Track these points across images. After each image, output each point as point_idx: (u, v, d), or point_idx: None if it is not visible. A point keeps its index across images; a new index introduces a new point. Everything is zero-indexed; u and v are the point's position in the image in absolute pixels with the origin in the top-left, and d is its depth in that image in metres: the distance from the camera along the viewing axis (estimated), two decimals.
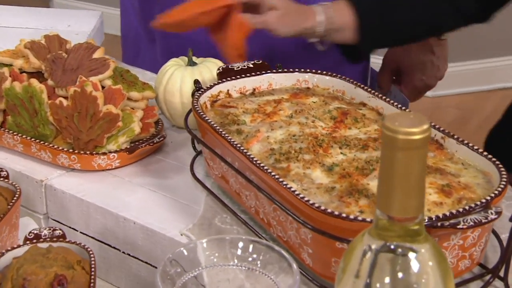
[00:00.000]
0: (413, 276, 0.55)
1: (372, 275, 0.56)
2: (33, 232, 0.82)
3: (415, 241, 0.55)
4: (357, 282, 0.56)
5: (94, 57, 1.08)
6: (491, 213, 0.70)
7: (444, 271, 0.55)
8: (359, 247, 0.57)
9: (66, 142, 1.02)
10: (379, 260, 0.55)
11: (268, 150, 0.85)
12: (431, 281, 0.55)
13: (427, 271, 0.55)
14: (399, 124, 0.52)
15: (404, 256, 0.55)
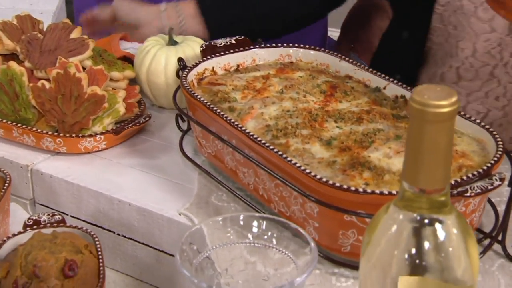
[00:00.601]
0: (440, 246, 0.56)
1: (399, 245, 0.57)
2: (32, 219, 0.81)
3: (441, 212, 0.56)
4: (384, 253, 0.58)
5: (72, 37, 1.06)
6: (496, 179, 0.73)
7: (469, 240, 0.57)
8: (384, 219, 0.58)
9: (49, 125, 1.01)
10: (407, 230, 0.57)
11: (264, 127, 0.86)
12: (457, 250, 0.56)
13: (454, 240, 0.56)
14: (428, 97, 0.53)
15: (431, 226, 0.56)
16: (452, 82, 1.05)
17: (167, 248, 0.89)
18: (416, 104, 0.53)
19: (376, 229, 0.59)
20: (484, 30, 1.02)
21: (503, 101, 1.04)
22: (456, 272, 0.56)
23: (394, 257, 0.57)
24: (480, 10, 1.01)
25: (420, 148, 0.54)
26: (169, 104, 1.10)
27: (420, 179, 0.55)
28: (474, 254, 0.57)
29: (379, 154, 0.79)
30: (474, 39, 1.03)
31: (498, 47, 1.02)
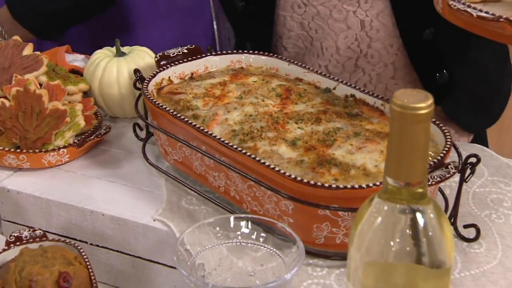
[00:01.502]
0: (421, 232, 0.63)
1: (385, 234, 0.63)
2: (14, 235, 0.83)
3: (420, 203, 0.62)
4: (371, 242, 0.64)
5: (24, 54, 1.07)
6: (451, 168, 0.80)
7: (445, 225, 0.64)
8: (369, 211, 0.65)
9: (9, 142, 1.02)
10: (391, 220, 0.63)
11: (230, 132, 0.91)
12: (437, 234, 0.63)
13: (433, 226, 0.63)
14: (408, 101, 0.59)
15: (413, 215, 0.63)
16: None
17: (142, 253, 0.93)
18: (397, 107, 0.59)
19: (362, 221, 0.65)
20: (341, 29, 1.14)
21: (371, 87, 1.18)
22: (437, 254, 0.63)
23: (381, 245, 0.63)
24: (335, 12, 1.13)
25: (401, 146, 0.61)
26: (123, 113, 1.14)
27: (402, 173, 0.61)
28: (450, 237, 0.64)
29: (342, 151, 0.86)
30: (335, 38, 1.15)
31: (356, 42, 1.15)
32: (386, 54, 1.14)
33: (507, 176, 1.00)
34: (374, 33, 1.12)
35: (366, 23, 1.13)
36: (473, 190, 0.96)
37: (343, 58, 1.16)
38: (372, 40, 1.13)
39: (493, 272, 0.82)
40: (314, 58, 1.17)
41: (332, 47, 1.16)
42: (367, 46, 1.15)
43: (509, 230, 0.89)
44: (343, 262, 0.83)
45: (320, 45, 1.15)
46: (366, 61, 1.16)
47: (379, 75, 1.16)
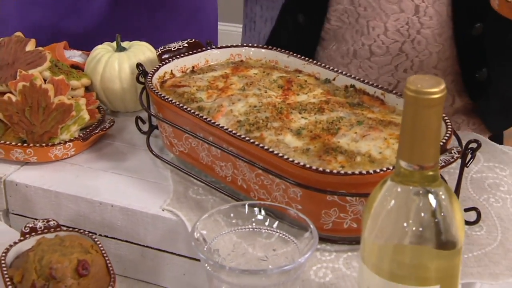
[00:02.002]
0: (434, 213, 0.66)
1: (399, 216, 0.66)
2: (29, 226, 0.85)
3: (432, 185, 0.65)
4: (385, 224, 0.66)
5: (28, 50, 1.09)
6: (454, 153, 0.83)
7: (456, 207, 0.66)
8: (382, 195, 0.67)
9: (16, 137, 1.03)
10: (405, 202, 0.66)
11: (236, 123, 0.93)
12: (449, 215, 0.66)
13: (445, 207, 0.66)
14: (421, 86, 0.62)
15: (426, 197, 0.65)
16: (365, 58, 1.17)
17: (152, 243, 0.95)
18: (411, 92, 0.62)
19: (375, 204, 0.68)
20: (394, 10, 1.13)
21: (411, 73, 1.19)
22: (450, 235, 0.66)
23: (395, 226, 0.66)
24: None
25: (415, 130, 0.63)
26: (125, 108, 1.16)
27: (415, 157, 0.64)
28: (460, 218, 0.67)
29: (347, 139, 0.89)
30: (385, 19, 1.14)
31: (406, 26, 1.14)
32: (433, 42, 1.14)
33: (502, 161, 1.03)
34: (427, 19, 1.12)
35: (420, 9, 1.12)
36: (471, 176, 1.00)
37: (390, 40, 1.15)
38: (423, 26, 1.12)
39: (494, 253, 0.86)
40: (357, 35, 1.16)
41: (380, 28, 1.14)
42: (417, 31, 1.14)
43: (507, 213, 0.93)
44: (351, 247, 0.86)
45: (366, 23, 1.14)
46: (411, 46, 1.15)
47: (422, 62, 1.17)
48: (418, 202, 0.66)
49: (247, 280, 0.72)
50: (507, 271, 0.83)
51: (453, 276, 0.68)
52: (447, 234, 0.66)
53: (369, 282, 0.69)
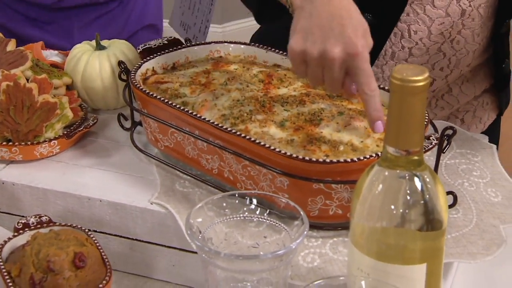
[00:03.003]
0: (420, 195, 0.69)
1: (388, 198, 0.69)
2: (21, 222, 0.86)
3: (418, 169, 0.69)
4: (374, 207, 0.70)
5: (8, 50, 1.10)
6: (433, 139, 0.87)
7: (440, 189, 0.70)
8: (369, 180, 0.71)
9: (0, 136, 1.05)
10: (392, 185, 0.69)
11: (221, 116, 0.96)
12: (434, 197, 0.70)
13: (430, 189, 0.70)
14: (406, 75, 0.66)
15: (411, 181, 0.69)
16: (403, 59, 1.18)
17: (141, 236, 0.97)
18: (397, 81, 0.66)
19: (363, 188, 0.71)
20: (439, 15, 1.14)
21: (447, 71, 1.20)
22: (435, 215, 0.70)
23: (383, 209, 0.70)
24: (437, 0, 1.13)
25: (401, 117, 0.67)
26: (106, 105, 1.17)
27: (401, 142, 0.68)
28: (444, 200, 0.71)
29: (330, 130, 0.92)
30: (429, 23, 1.14)
31: (450, 28, 1.16)
32: (471, 42, 1.15)
33: (474, 148, 1.08)
34: (469, 21, 1.13)
35: (466, 12, 1.13)
36: (445, 162, 1.04)
37: (431, 42, 1.15)
38: (464, 27, 1.13)
39: (471, 234, 0.90)
40: (397, 38, 1.15)
41: (423, 31, 1.14)
42: (457, 32, 1.15)
43: (480, 196, 0.97)
44: (336, 232, 0.90)
45: (407, 27, 1.14)
46: (450, 46, 1.17)
47: (459, 60, 1.18)
48: (405, 185, 0.69)
49: (241, 265, 0.75)
50: (484, 250, 0.87)
51: (439, 255, 0.72)
52: (433, 215, 0.70)
53: (359, 263, 0.72)
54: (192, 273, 0.95)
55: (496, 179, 1.00)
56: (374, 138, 0.90)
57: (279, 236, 0.81)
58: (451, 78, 1.21)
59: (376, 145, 0.89)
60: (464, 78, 1.24)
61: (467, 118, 1.29)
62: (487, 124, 1.32)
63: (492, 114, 1.32)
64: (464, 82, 1.25)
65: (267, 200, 0.84)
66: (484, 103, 1.30)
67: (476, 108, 1.29)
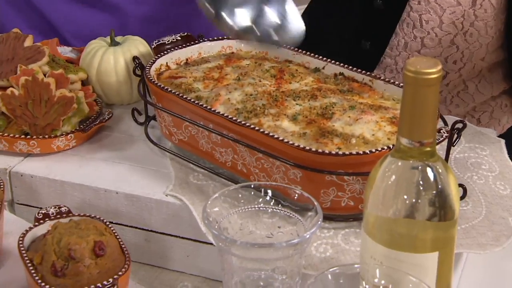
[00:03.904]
0: (433, 184, 0.71)
1: (401, 188, 0.71)
2: (42, 213, 0.89)
3: (431, 160, 0.71)
4: (387, 197, 0.72)
5: (26, 46, 1.12)
6: (443, 132, 0.89)
7: (452, 180, 0.72)
8: (382, 170, 0.73)
9: (19, 129, 1.07)
10: (406, 175, 0.71)
11: (234, 110, 0.98)
12: (446, 187, 0.72)
13: (443, 180, 0.71)
14: (420, 67, 0.67)
15: (424, 171, 0.71)
16: (415, 50, 1.20)
17: (156, 227, 0.99)
18: (411, 73, 0.68)
19: (376, 179, 0.73)
20: (450, 4, 1.16)
21: (460, 64, 1.22)
22: (447, 205, 0.71)
23: (396, 199, 0.72)
24: None
25: (414, 109, 0.69)
26: (120, 100, 1.20)
27: (415, 133, 0.70)
28: (456, 190, 0.73)
29: (341, 123, 0.94)
30: (440, 12, 1.16)
31: (461, 18, 1.17)
32: (484, 34, 1.17)
33: (482, 142, 1.09)
34: (482, 12, 1.14)
35: (477, 2, 1.14)
36: (454, 156, 1.06)
37: (443, 32, 1.17)
38: (477, 19, 1.14)
39: (480, 225, 0.92)
40: (409, 28, 1.17)
41: (434, 21, 1.16)
42: (470, 24, 1.16)
43: (489, 189, 0.99)
44: (348, 223, 0.92)
45: (418, 17, 1.16)
46: (463, 38, 1.18)
47: (472, 53, 1.19)
48: (418, 175, 0.71)
49: (256, 254, 0.77)
50: (493, 241, 0.89)
51: (450, 245, 0.74)
52: (446, 205, 0.72)
53: (372, 252, 0.74)
54: (206, 264, 0.97)
55: (504, 172, 1.02)
56: (385, 131, 0.92)
57: (293, 226, 0.83)
58: (464, 72, 1.23)
59: (388, 138, 0.91)
60: (481, 76, 1.25)
61: (483, 119, 1.30)
62: (506, 127, 1.33)
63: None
64: (481, 81, 1.26)
65: (281, 192, 0.86)
66: (503, 104, 1.30)
67: (494, 109, 1.29)
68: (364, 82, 1.04)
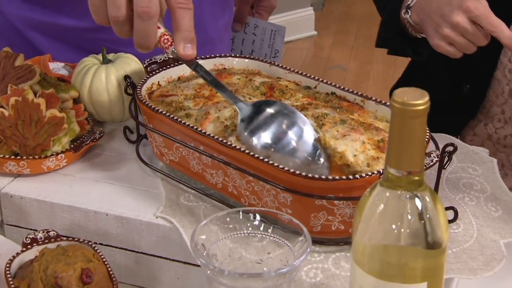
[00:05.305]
0: (421, 215, 0.71)
1: (389, 218, 0.71)
2: (29, 237, 0.88)
3: (419, 189, 0.71)
4: (376, 227, 0.71)
5: (17, 65, 1.12)
6: (433, 157, 0.89)
7: (440, 209, 0.72)
8: (372, 199, 0.72)
9: (8, 150, 1.06)
10: (394, 205, 0.71)
11: (223, 128, 0.97)
12: (434, 217, 0.71)
13: (430, 210, 0.71)
14: (407, 99, 0.67)
15: (413, 200, 0.71)
16: None
17: (146, 249, 0.99)
18: (398, 104, 0.67)
19: (365, 208, 0.73)
20: None
21: None
22: (435, 235, 0.71)
23: (385, 229, 0.71)
24: None
25: (402, 140, 0.68)
26: (112, 118, 1.19)
27: (403, 163, 0.69)
28: (444, 220, 0.72)
29: (328, 135, 0.93)
30: None
31: None
32: None
33: (474, 162, 1.09)
34: None
35: None
36: (446, 176, 1.05)
37: None
38: None
39: (471, 249, 0.91)
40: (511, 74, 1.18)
41: None
42: None
43: (481, 211, 0.98)
44: (339, 247, 0.91)
45: None
46: None
47: None
48: (406, 205, 0.71)
49: (245, 283, 0.77)
50: (484, 266, 0.89)
51: (439, 274, 0.73)
52: (433, 235, 0.71)
53: (361, 281, 0.74)
54: (196, 286, 0.97)
55: (496, 193, 1.02)
56: (367, 155, 0.91)
57: (282, 251, 0.82)
58: None
59: (367, 164, 0.90)
60: None
61: None
62: None
63: None
64: None
65: (271, 216, 0.85)
66: None
67: None
68: (355, 101, 1.04)
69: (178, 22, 0.88)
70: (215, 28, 1.46)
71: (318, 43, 3.94)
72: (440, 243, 0.72)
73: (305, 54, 3.81)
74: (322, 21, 4.11)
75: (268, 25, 1.57)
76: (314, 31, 4.00)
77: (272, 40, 1.57)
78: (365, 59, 3.73)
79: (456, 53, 1.10)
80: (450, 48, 1.10)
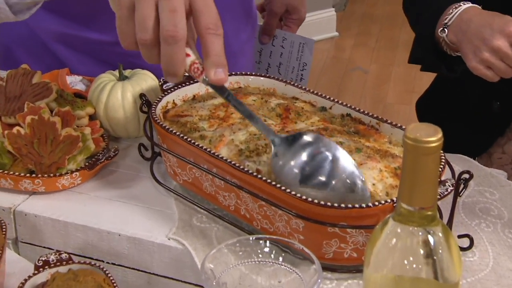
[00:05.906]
0: (432, 250, 0.70)
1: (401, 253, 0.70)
2: (42, 260, 0.88)
3: (431, 224, 0.69)
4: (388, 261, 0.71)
5: (34, 82, 1.12)
6: (449, 185, 0.88)
7: (453, 245, 0.71)
8: (384, 233, 0.71)
9: (24, 168, 1.07)
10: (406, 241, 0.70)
11: (237, 152, 0.96)
12: (446, 253, 0.70)
13: (442, 245, 0.70)
14: (420, 136, 0.66)
15: (425, 236, 0.69)
16: None
17: (158, 270, 0.99)
18: (410, 141, 0.66)
19: (378, 242, 0.72)
20: None
21: None
22: (447, 271, 0.70)
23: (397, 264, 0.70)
24: None
25: (414, 175, 0.67)
26: (127, 134, 1.19)
27: (415, 199, 0.68)
28: (457, 254, 0.71)
29: None
30: None
31: None
32: None
33: (492, 185, 1.07)
34: None
35: None
36: (462, 201, 1.04)
37: None
38: None
39: (487, 279, 0.90)
40: None
41: None
42: None
43: (498, 238, 0.97)
44: (350, 275, 0.90)
45: None
46: None
47: None
48: (418, 241, 0.70)
49: None
50: None
51: None
52: (445, 271, 0.70)
53: None
54: None
55: None
56: (386, 184, 0.90)
57: (293, 279, 0.82)
58: None
59: (386, 193, 0.89)
60: None
61: None
62: None
63: None
64: None
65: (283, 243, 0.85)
66: None
67: None
68: (371, 124, 1.03)
69: (208, 48, 0.85)
70: (237, 42, 1.46)
71: (339, 44, 3.92)
72: (453, 278, 0.71)
73: (326, 55, 3.79)
74: (343, 22, 4.09)
75: (296, 38, 1.55)
76: (335, 32, 3.98)
77: (300, 53, 1.56)
78: (386, 61, 3.71)
79: (494, 77, 1.08)
80: (488, 72, 1.08)
